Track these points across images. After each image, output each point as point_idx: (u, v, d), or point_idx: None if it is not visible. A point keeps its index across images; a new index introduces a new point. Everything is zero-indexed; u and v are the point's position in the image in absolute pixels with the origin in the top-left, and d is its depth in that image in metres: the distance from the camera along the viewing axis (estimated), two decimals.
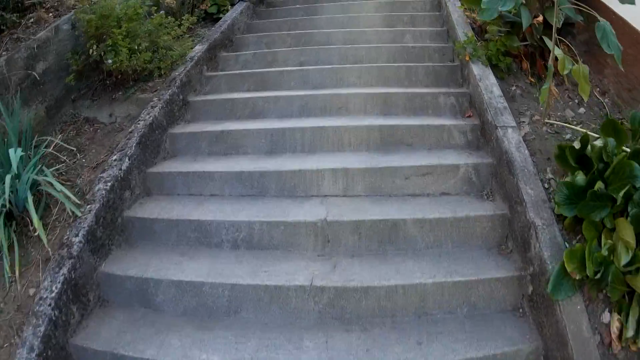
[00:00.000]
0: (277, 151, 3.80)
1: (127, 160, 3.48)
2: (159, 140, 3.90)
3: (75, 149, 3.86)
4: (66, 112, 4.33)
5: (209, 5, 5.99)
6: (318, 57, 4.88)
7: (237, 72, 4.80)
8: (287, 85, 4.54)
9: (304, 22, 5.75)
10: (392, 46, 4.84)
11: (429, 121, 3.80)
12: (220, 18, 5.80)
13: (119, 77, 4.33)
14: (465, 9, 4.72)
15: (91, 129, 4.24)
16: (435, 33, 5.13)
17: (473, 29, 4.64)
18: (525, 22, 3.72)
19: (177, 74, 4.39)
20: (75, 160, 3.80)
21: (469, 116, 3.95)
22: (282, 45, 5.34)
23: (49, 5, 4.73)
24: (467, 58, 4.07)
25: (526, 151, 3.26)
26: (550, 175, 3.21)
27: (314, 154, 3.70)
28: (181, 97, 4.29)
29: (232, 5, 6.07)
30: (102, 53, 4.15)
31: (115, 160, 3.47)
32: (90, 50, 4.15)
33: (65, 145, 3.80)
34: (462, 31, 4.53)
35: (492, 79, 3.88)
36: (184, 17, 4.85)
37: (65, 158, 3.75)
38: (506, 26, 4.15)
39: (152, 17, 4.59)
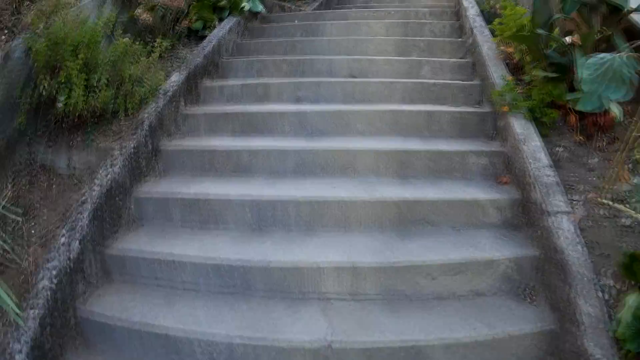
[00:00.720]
0: (265, 228, 3.01)
1: (77, 244, 2.70)
2: (121, 208, 3.11)
3: (23, 210, 3.08)
4: (21, 156, 3.51)
5: (193, 20, 5.15)
6: (318, 92, 4.08)
7: (221, 109, 3.99)
8: (281, 130, 3.75)
9: (303, 44, 4.94)
10: (408, 82, 4.04)
11: (457, 193, 3.03)
12: (206, 36, 4.97)
13: (76, 119, 3.52)
14: (501, 41, 3.90)
15: (46, 181, 3.44)
16: (457, 65, 4.34)
17: (507, 65, 3.87)
18: (582, 72, 2.94)
19: (145, 114, 3.58)
20: (23, 228, 3.02)
21: (505, 183, 3.19)
22: (277, 73, 4.53)
23: (2, 24, 3.89)
24: (505, 109, 3.30)
25: (584, 249, 2.51)
26: (610, 282, 2.46)
27: (313, 235, 2.92)
28: (151, 145, 3.49)
29: (221, 20, 5.23)
30: (55, 90, 3.34)
31: (63, 243, 2.69)
32: (41, 87, 3.34)
33: (12, 208, 3.02)
34: (496, 70, 3.75)
35: (537, 140, 3.11)
36: (156, 41, 4.01)
37: (12, 224, 2.97)
38: (551, 69, 3.37)
39: (117, 41, 3.76)
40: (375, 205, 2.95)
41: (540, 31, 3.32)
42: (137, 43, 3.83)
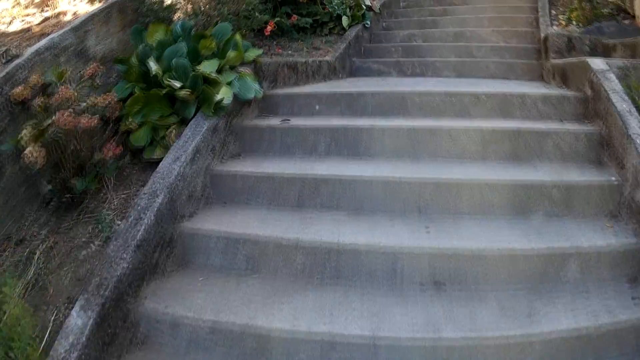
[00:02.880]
0: None
1: None
2: None
3: None
4: None
5: (134, 126, 2.87)
6: None
7: None
8: None
9: (334, 186, 2.66)
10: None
11: None
12: (156, 161, 2.70)
13: None
14: None
15: None
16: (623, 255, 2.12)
17: None
18: None
19: None
20: None
21: None
22: (285, 270, 2.31)
23: None
24: None
25: None
26: None
27: None
28: None
29: (184, 122, 2.93)
30: None
31: None
32: None
33: None
34: None
35: None
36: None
37: None
38: None
39: None
40: None
41: None
42: None
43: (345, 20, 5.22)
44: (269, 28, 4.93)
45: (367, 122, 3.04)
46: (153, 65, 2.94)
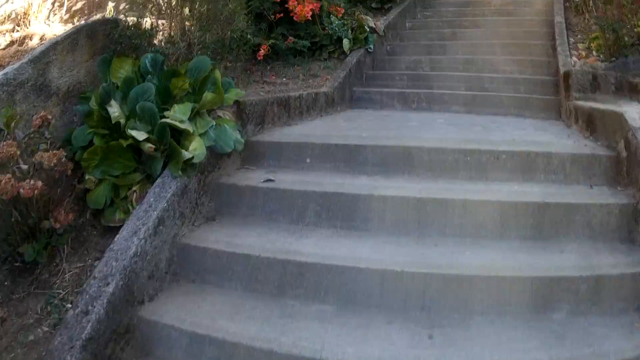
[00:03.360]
0: None
1: None
2: None
3: None
4: None
5: (92, 183, 2.44)
6: None
7: None
8: None
9: (327, 277, 2.24)
10: None
11: None
12: (119, 227, 2.28)
13: None
14: None
15: None
16: None
17: None
18: None
19: None
20: None
21: None
22: None
23: None
24: None
25: None
26: None
27: None
28: None
29: (149, 178, 2.50)
30: None
31: None
32: None
33: None
34: None
35: None
36: None
37: None
38: None
39: None
40: None
41: None
42: None
43: (346, 44, 4.78)
44: (262, 52, 4.50)
45: (366, 184, 2.59)
46: (114, 111, 2.52)
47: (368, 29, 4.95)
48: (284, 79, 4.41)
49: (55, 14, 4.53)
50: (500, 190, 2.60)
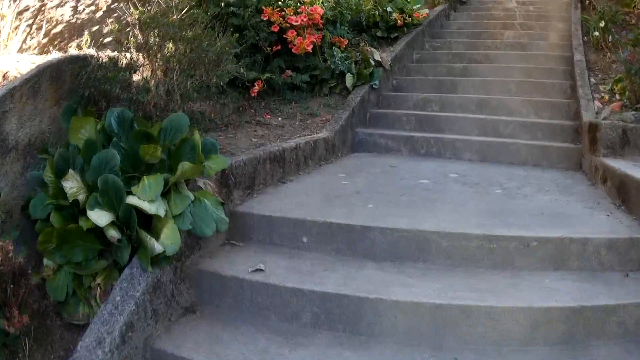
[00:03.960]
0: None
1: None
2: None
3: None
4: None
5: (50, 274, 2.01)
6: None
7: None
8: None
9: None
10: None
11: None
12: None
13: None
14: None
15: None
16: None
17: None
18: None
19: None
20: None
21: None
22: None
23: None
24: None
25: None
26: None
27: None
28: None
29: (114, 274, 2.07)
30: None
31: None
32: None
33: None
34: None
35: None
36: None
37: None
38: None
39: None
40: None
41: None
42: None
43: (349, 79, 4.37)
44: (256, 88, 4.08)
45: (373, 279, 2.16)
46: (71, 187, 2.09)
47: (373, 63, 4.54)
48: (280, 119, 3.98)
49: (33, 38, 4.07)
50: (531, 287, 2.18)
